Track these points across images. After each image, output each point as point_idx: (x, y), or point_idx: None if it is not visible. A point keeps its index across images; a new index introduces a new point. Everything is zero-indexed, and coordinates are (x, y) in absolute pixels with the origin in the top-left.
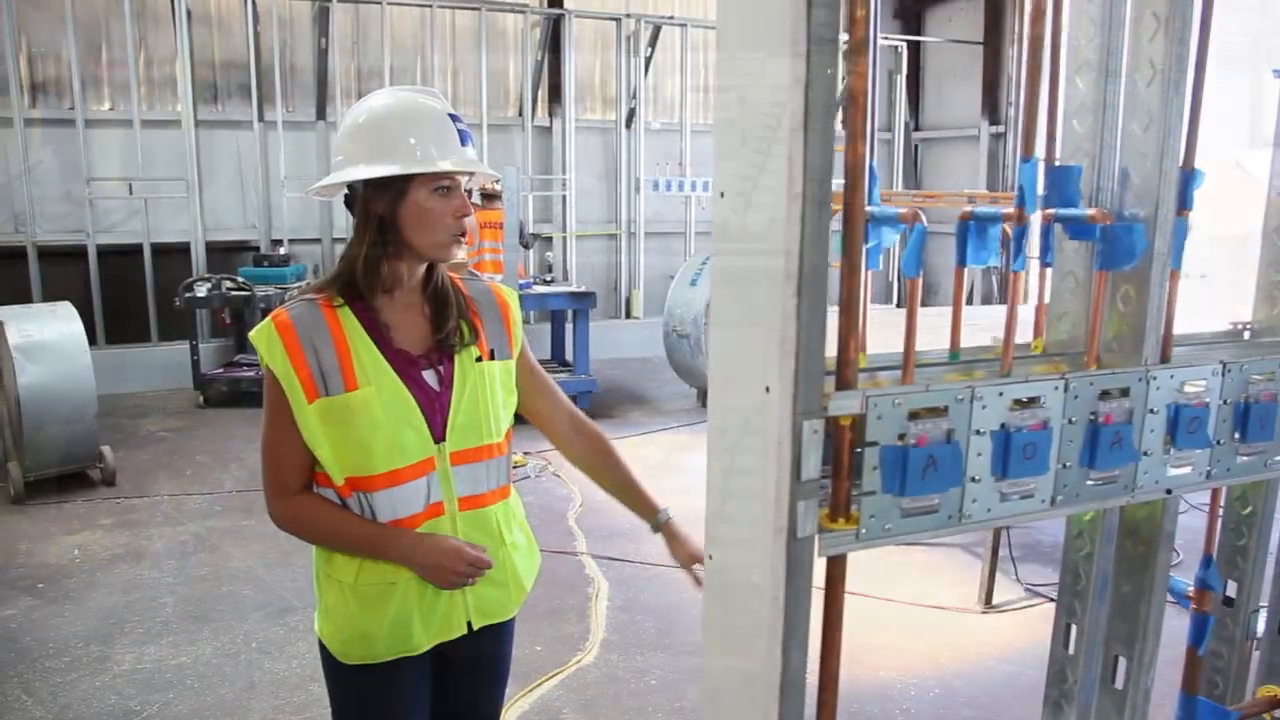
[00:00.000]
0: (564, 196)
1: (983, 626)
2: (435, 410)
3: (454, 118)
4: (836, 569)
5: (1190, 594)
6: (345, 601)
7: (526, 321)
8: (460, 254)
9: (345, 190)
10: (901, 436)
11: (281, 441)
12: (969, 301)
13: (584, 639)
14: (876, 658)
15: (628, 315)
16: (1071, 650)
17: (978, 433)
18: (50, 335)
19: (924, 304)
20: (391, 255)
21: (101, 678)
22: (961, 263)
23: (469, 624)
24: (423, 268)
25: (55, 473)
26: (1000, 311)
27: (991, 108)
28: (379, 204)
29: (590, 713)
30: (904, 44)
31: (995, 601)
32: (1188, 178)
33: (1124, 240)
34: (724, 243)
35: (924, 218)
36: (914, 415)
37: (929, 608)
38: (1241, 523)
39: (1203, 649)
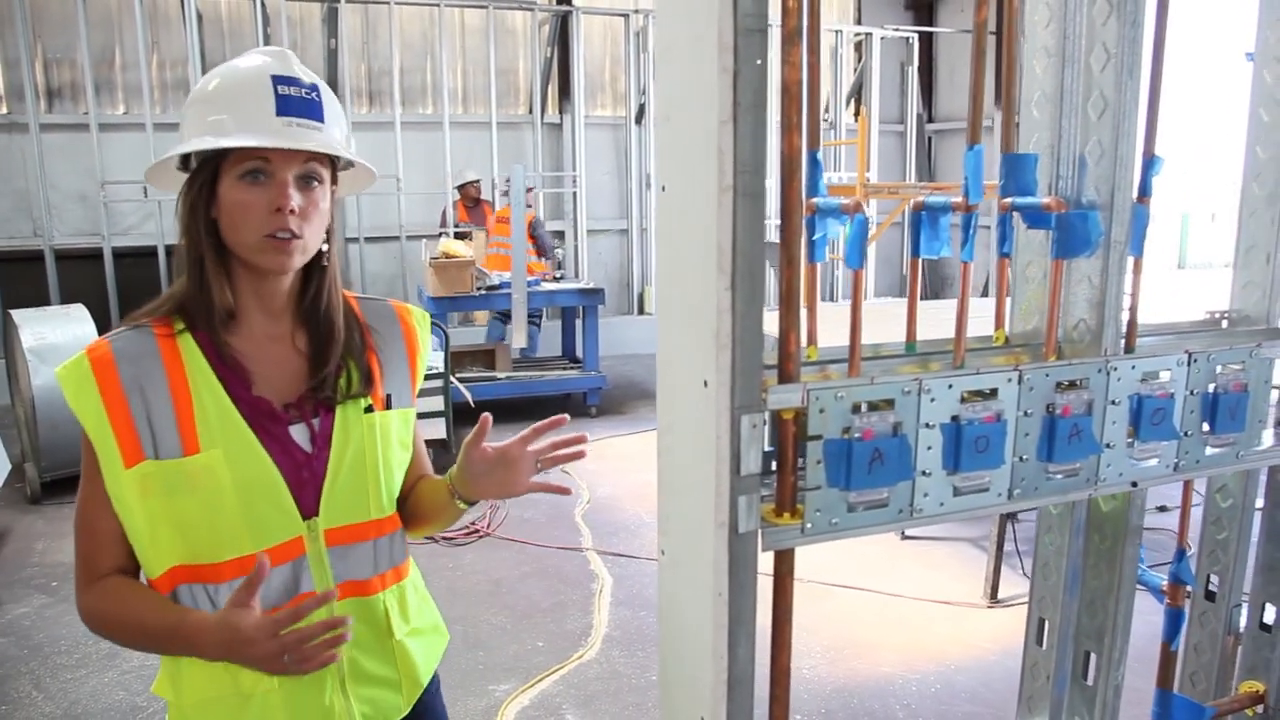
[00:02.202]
0: (574, 193)
1: (987, 621)
2: (305, 479)
3: (293, 81)
4: (784, 564)
5: (1164, 588)
6: None
7: (537, 318)
8: (292, 262)
9: None
10: (846, 430)
11: (95, 515)
12: (984, 293)
13: (586, 635)
14: (878, 653)
15: (640, 311)
16: (1044, 646)
17: (927, 426)
18: (64, 337)
19: (939, 296)
20: (218, 267)
21: (110, 674)
22: (915, 253)
23: None
24: (283, 283)
25: (70, 473)
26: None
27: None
28: (191, 197)
29: (590, 708)
30: (915, 35)
31: (1000, 596)
32: (1147, 164)
33: (1079, 228)
34: (664, 237)
35: (866, 208)
36: (861, 408)
37: (933, 602)
38: (1222, 515)
39: (1176, 644)
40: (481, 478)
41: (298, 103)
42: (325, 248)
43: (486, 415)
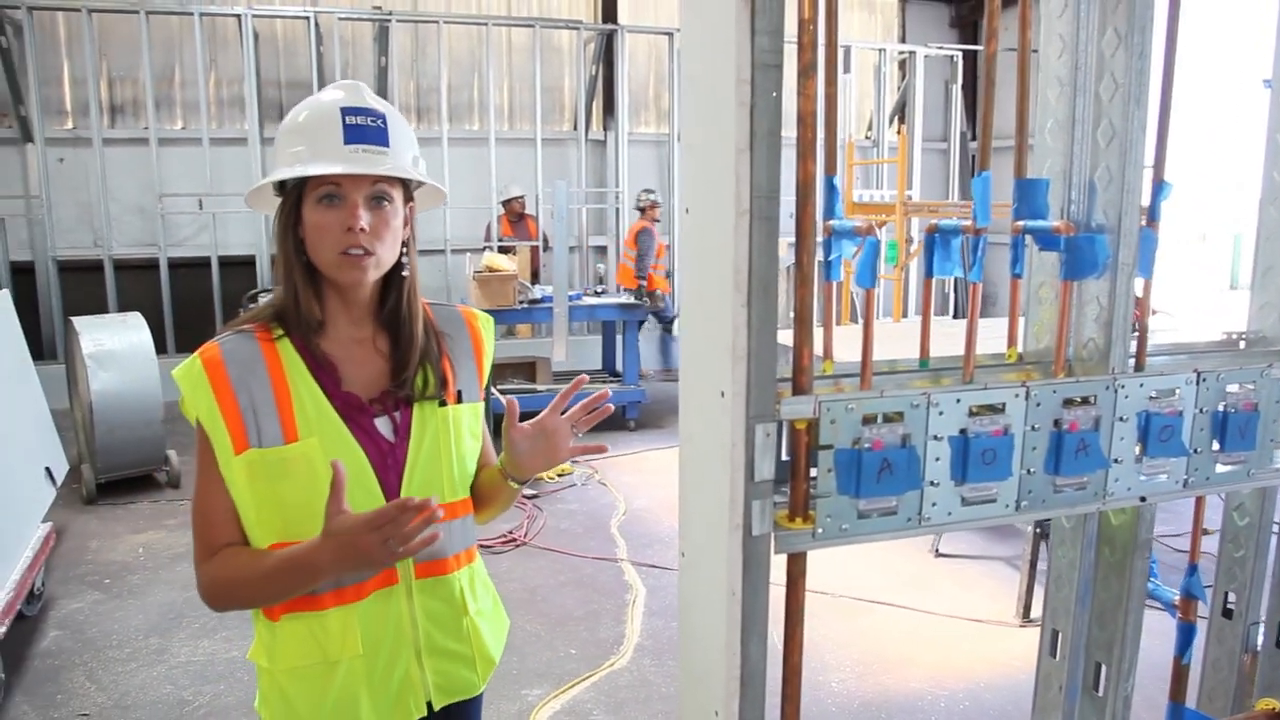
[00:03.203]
0: (617, 209)
1: (1019, 640)
2: (389, 464)
3: (362, 111)
4: (796, 566)
5: (1175, 603)
6: (277, 687)
7: (579, 333)
8: (366, 277)
9: None
10: (856, 440)
11: (211, 498)
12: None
13: (618, 643)
14: (908, 669)
15: None
16: (1057, 657)
17: (935, 438)
18: (121, 344)
19: (982, 314)
20: (307, 280)
21: (159, 668)
22: (929, 273)
23: (429, 704)
24: (363, 293)
25: (124, 475)
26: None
27: None
28: (283, 219)
29: (620, 715)
30: (959, 53)
31: (1033, 615)
32: (1156, 190)
33: (1086, 251)
34: (687, 257)
35: (878, 231)
36: (871, 420)
37: (965, 620)
38: (1239, 533)
39: (1187, 657)
40: (526, 453)
41: (364, 131)
42: (405, 260)
43: (512, 399)
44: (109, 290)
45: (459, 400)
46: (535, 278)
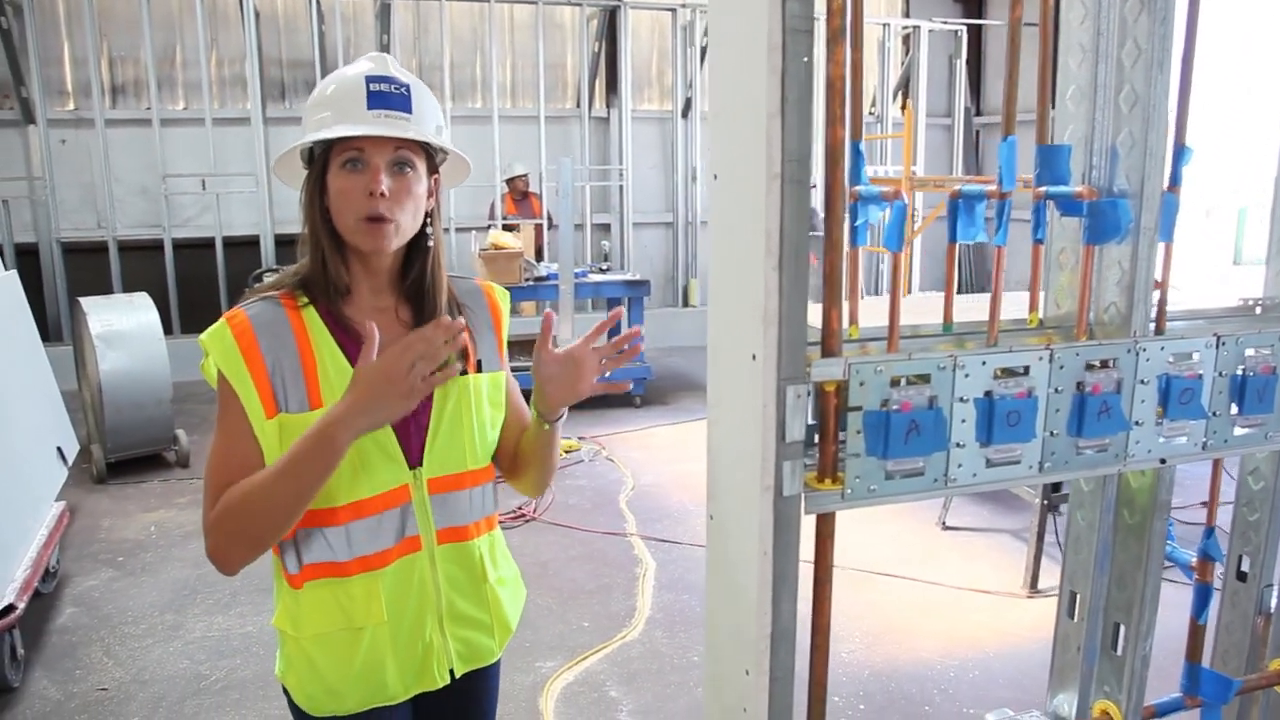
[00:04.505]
0: (621, 186)
1: (1027, 611)
2: (411, 431)
3: (385, 79)
4: (825, 526)
5: (1192, 564)
6: (303, 653)
7: (583, 310)
8: (386, 244)
9: None
10: (884, 402)
11: (235, 451)
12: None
13: (630, 616)
14: (917, 640)
15: (685, 304)
16: (1075, 618)
17: (961, 400)
18: (129, 324)
19: (987, 290)
20: (333, 248)
21: (174, 644)
22: (953, 239)
23: (451, 672)
24: (385, 261)
25: (134, 454)
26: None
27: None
28: (309, 188)
29: (633, 685)
30: (963, 28)
31: (1041, 586)
32: (1177, 154)
33: (1109, 215)
34: (716, 222)
35: (905, 195)
36: (898, 382)
37: (973, 592)
38: (1254, 497)
39: (1204, 618)
40: (551, 381)
41: (388, 97)
42: (429, 231)
43: (549, 312)
44: (113, 271)
45: (479, 370)
46: (540, 255)
